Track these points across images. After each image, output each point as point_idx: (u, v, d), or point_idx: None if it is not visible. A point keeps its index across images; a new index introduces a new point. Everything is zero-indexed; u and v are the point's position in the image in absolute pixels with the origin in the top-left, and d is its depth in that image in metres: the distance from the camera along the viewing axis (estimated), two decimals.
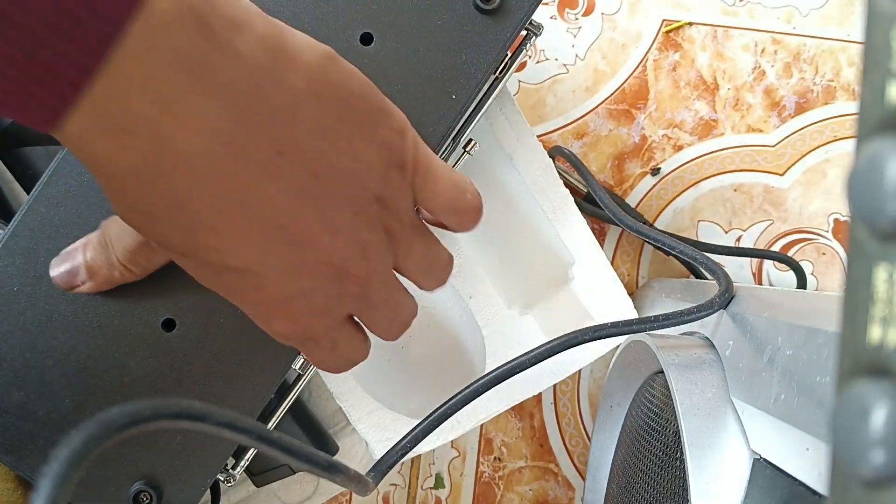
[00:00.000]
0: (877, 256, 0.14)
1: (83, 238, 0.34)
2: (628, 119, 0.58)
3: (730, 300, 0.39)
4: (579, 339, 0.36)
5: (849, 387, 0.14)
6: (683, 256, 0.43)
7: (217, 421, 0.19)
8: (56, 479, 0.16)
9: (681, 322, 0.37)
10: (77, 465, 0.16)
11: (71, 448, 0.16)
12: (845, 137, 0.57)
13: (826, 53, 0.57)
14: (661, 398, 0.43)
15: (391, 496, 0.58)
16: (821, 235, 0.57)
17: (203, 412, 0.19)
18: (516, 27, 0.36)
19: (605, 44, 0.58)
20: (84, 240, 0.34)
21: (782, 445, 0.30)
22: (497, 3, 0.35)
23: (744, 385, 0.35)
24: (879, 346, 0.13)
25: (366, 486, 0.29)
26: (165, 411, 0.18)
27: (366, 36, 0.36)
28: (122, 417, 0.17)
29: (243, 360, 0.36)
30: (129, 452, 0.36)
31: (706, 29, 0.57)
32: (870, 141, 0.13)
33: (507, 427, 0.58)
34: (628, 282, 0.58)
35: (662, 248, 0.46)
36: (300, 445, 0.22)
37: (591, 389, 0.58)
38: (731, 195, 0.58)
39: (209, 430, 0.19)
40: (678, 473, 0.37)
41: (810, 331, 0.30)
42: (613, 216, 0.48)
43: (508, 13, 0.36)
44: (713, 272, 0.41)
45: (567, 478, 0.59)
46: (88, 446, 0.16)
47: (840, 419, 0.13)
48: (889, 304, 0.13)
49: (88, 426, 0.17)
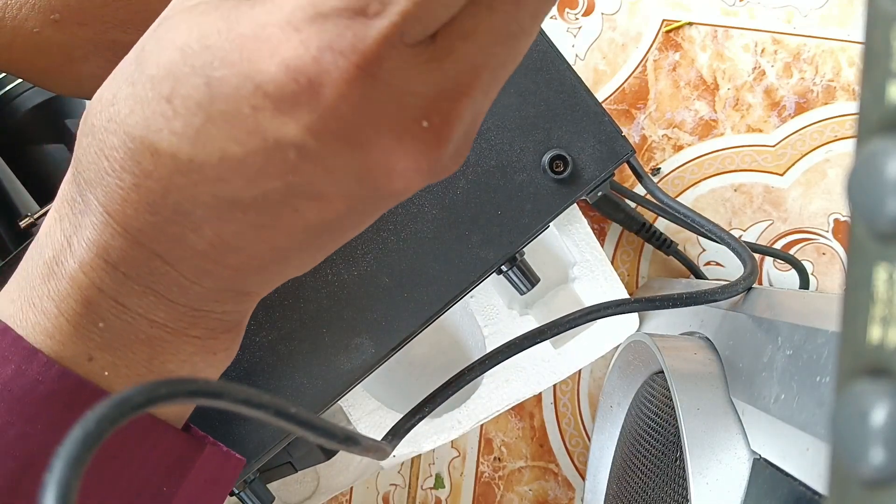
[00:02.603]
0: (877, 256, 0.14)
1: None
2: (628, 119, 0.58)
3: (753, 283, 0.39)
4: (602, 313, 0.35)
5: (849, 387, 0.14)
6: (712, 236, 0.43)
7: (234, 398, 0.19)
8: (70, 461, 0.16)
9: (704, 301, 0.37)
10: (92, 446, 0.16)
11: (85, 428, 0.16)
12: (845, 137, 0.57)
13: (826, 53, 0.57)
14: (661, 398, 0.43)
15: (391, 496, 0.58)
16: (821, 235, 0.57)
17: (219, 389, 0.19)
18: (578, 195, 0.38)
19: (605, 44, 0.58)
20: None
21: (782, 445, 0.30)
22: (567, 173, 0.37)
23: (744, 385, 0.35)
24: (879, 346, 0.13)
25: (384, 452, 0.29)
26: (182, 389, 0.18)
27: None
28: (137, 396, 0.17)
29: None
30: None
31: (706, 29, 0.57)
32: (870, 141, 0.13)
33: (507, 427, 0.58)
34: (628, 282, 0.58)
35: (691, 225, 0.46)
36: (318, 419, 0.22)
37: (591, 389, 0.58)
38: (731, 195, 0.58)
39: (226, 406, 0.19)
40: (678, 473, 0.37)
41: (810, 331, 0.30)
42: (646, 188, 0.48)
43: (576, 181, 0.38)
44: (739, 254, 0.41)
45: (567, 478, 0.59)
46: (102, 426, 0.16)
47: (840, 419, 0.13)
48: (889, 304, 0.13)
49: (103, 406, 0.17)
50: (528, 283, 0.38)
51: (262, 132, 0.20)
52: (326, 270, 0.37)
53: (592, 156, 0.37)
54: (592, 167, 0.37)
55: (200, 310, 0.25)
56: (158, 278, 0.24)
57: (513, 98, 0.37)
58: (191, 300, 0.24)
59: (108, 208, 0.23)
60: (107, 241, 0.23)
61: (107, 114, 0.22)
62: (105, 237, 0.23)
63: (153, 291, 0.24)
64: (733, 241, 0.42)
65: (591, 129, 0.37)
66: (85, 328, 0.24)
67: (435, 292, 0.37)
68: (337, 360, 0.37)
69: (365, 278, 0.37)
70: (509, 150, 0.37)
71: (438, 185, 0.37)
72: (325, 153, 0.21)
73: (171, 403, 0.18)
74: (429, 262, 0.37)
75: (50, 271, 0.24)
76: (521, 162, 0.37)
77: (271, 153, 0.21)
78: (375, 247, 0.37)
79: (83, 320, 0.24)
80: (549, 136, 0.37)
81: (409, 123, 0.21)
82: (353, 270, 0.37)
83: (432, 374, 0.51)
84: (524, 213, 0.37)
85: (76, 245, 0.24)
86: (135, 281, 0.24)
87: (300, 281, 0.36)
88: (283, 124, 0.20)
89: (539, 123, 0.37)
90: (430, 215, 0.37)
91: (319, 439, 0.23)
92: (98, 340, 0.24)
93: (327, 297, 0.37)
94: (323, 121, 0.20)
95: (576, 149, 0.37)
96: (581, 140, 0.37)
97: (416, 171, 0.22)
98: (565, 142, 0.37)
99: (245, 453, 0.36)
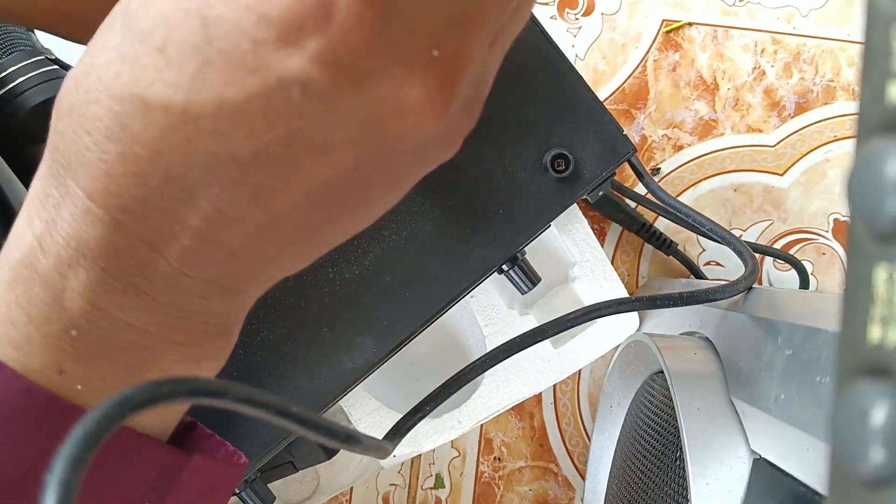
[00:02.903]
0: (877, 256, 0.14)
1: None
2: (628, 119, 0.58)
3: (754, 282, 0.39)
4: (602, 311, 0.35)
5: (848, 387, 0.14)
6: (712, 235, 0.43)
7: (236, 397, 0.19)
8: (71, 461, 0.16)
9: (705, 300, 0.37)
10: (92, 446, 0.16)
11: (85, 428, 0.16)
12: (845, 137, 0.57)
13: (826, 53, 0.57)
14: (661, 398, 0.43)
15: (391, 496, 0.58)
16: (821, 235, 0.57)
17: (221, 388, 0.19)
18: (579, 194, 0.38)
19: (605, 44, 0.58)
20: None
21: (782, 445, 0.30)
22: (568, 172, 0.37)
23: (744, 385, 0.35)
24: (879, 346, 0.13)
25: (385, 451, 0.29)
26: (183, 388, 0.18)
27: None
28: (138, 395, 0.17)
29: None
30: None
31: (706, 29, 0.57)
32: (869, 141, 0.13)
33: (507, 427, 0.58)
34: (628, 282, 0.58)
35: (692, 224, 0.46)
36: (320, 418, 0.22)
37: (591, 389, 0.58)
38: (731, 195, 0.58)
39: (228, 405, 0.19)
40: (678, 473, 0.37)
41: (810, 331, 0.30)
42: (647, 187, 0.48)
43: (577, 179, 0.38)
44: (740, 253, 0.41)
45: (567, 478, 0.59)
46: (102, 426, 0.16)
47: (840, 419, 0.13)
48: (889, 304, 0.13)
49: (103, 406, 0.17)
50: (529, 282, 0.38)
51: (262, 70, 0.19)
52: (328, 269, 0.37)
53: (593, 154, 0.37)
54: (594, 166, 0.37)
55: (186, 309, 0.23)
56: (141, 269, 0.22)
57: (514, 96, 0.37)
58: (176, 296, 0.22)
59: (89, 189, 0.21)
60: (85, 230, 0.21)
61: (84, 86, 0.21)
62: (84, 227, 0.21)
63: (134, 288, 0.22)
64: (734, 240, 0.42)
65: (592, 128, 0.37)
66: (56, 337, 0.22)
67: (436, 291, 0.37)
68: (338, 359, 0.37)
69: (366, 277, 0.37)
70: (510, 148, 0.37)
71: (439, 184, 0.37)
72: (332, 89, 0.19)
73: (172, 403, 0.18)
74: (430, 260, 0.37)
75: (17, 275, 0.22)
76: (522, 160, 0.37)
77: (273, 95, 0.19)
78: (377, 246, 0.37)
79: (54, 328, 0.22)
80: (550, 134, 0.37)
81: (420, 52, 0.20)
82: (355, 269, 0.37)
83: (432, 375, 0.51)
84: (525, 211, 0.37)
85: (49, 243, 0.22)
86: (114, 277, 0.22)
87: (301, 280, 0.36)
88: (286, 57, 0.19)
89: (540, 122, 0.37)
90: (431, 214, 0.37)
91: (321, 438, 0.23)
92: (70, 351, 0.22)
93: (328, 296, 0.37)
94: (332, 49, 0.19)
95: (577, 147, 0.37)
96: (582, 139, 0.37)
97: (429, 108, 0.20)
98: (566, 140, 0.37)
99: (246, 453, 0.36)
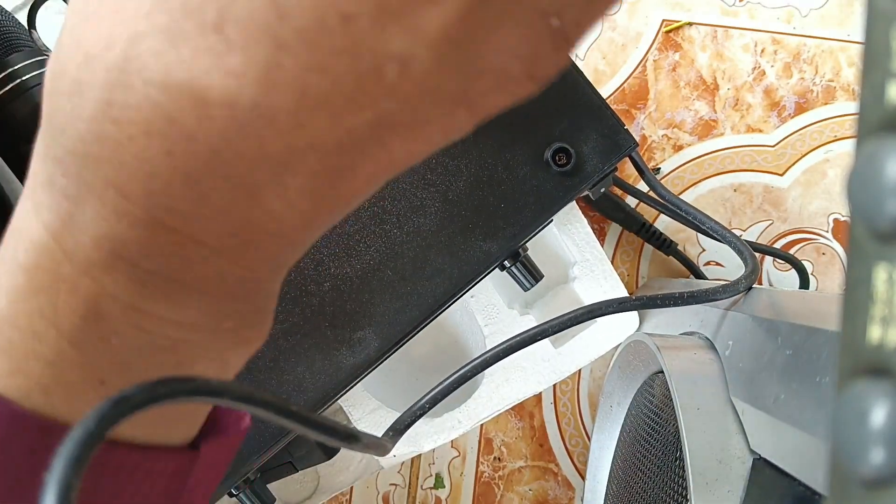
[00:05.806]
0: (877, 256, 0.14)
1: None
2: (628, 119, 0.58)
3: (754, 282, 0.39)
4: (603, 311, 0.35)
5: (849, 387, 0.14)
6: (713, 233, 0.43)
7: (235, 395, 0.19)
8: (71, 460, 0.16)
9: (705, 300, 0.37)
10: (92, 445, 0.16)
11: (85, 428, 0.16)
12: (845, 137, 0.57)
13: (826, 53, 0.57)
14: (661, 398, 0.43)
15: (391, 496, 0.58)
16: (821, 235, 0.57)
17: (220, 387, 0.18)
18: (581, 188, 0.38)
19: (605, 44, 0.58)
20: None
21: (782, 445, 0.30)
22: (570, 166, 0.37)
23: (744, 385, 0.35)
24: (879, 346, 0.13)
25: (384, 448, 0.29)
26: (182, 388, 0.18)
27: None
28: (137, 394, 0.17)
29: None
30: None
31: (706, 29, 0.57)
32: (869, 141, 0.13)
33: (507, 427, 0.58)
34: (628, 282, 0.58)
35: (692, 222, 0.46)
36: (320, 417, 0.22)
37: (591, 389, 0.58)
38: (730, 195, 0.58)
39: (227, 404, 0.19)
40: (678, 473, 0.37)
41: (810, 331, 0.30)
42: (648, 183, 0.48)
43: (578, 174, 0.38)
44: (740, 252, 0.41)
45: (567, 478, 0.59)
46: (102, 425, 0.16)
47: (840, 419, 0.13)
48: (889, 304, 0.13)
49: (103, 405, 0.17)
50: (532, 278, 0.38)
51: (355, 49, 0.15)
52: (329, 264, 0.37)
53: (595, 149, 0.37)
54: (595, 160, 0.37)
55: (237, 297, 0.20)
56: (189, 267, 0.18)
57: None
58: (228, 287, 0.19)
59: (123, 188, 0.17)
60: (121, 232, 0.18)
61: (104, 63, 0.16)
62: (118, 228, 0.18)
63: (181, 285, 0.19)
64: (735, 239, 0.42)
65: (593, 123, 0.37)
66: (93, 346, 0.19)
67: (438, 286, 0.37)
68: (340, 354, 0.37)
69: (368, 272, 0.37)
70: (512, 143, 0.37)
71: (441, 178, 0.37)
72: (435, 68, 0.16)
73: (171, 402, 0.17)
74: (432, 255, 0.37)
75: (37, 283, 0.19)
76: (524, 155, 0.37)
77: (364, 76, 0.16)
78: (378, 240, 0.37)
79: (91, 337, 0.19)
80: (552, 129, 0.37)
81: (540, 21, 0.16)
82: (356, 264, 0.37)
83: (432, 374, 0.51)
84: (527, 206, 0.37)
85: (72, 245, 0.18)
86: (158, 277, 0.18)
87: (303, 274, 0.36)
88: (386, 33, 0.15)
89: (541, 117, 0.37)
90: (432, 209, 0.37)
91: (321, 437, 0.23)
92: (110, 359, 0.19)
93: (330, 290, 0.37)
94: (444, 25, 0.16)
95: (578, 142, 0.37)
96: (584, 133, 0.37)
97: (535, 80, 0.17)
98: (568, 135, 0.37)
99: (246, 452, 0.36)
